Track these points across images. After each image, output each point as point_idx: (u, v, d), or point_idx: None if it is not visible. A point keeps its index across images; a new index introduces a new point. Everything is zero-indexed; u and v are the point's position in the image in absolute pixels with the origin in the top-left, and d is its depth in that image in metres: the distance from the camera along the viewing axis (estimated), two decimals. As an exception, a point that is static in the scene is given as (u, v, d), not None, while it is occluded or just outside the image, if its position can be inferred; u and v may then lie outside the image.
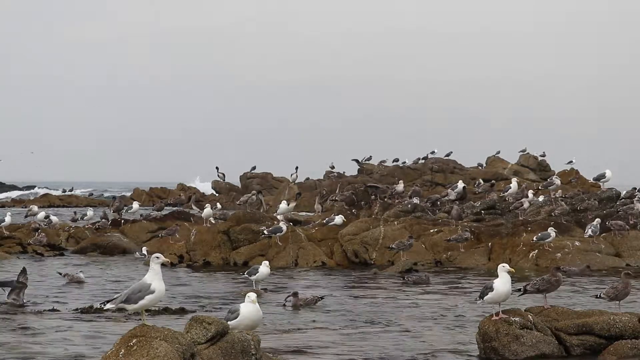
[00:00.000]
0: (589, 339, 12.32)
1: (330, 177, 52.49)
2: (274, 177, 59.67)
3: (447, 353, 13.53)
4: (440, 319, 16.58)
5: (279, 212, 30.94)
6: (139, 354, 9.36)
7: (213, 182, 58.94)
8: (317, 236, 28.38)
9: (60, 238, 33.12)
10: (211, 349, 10.34)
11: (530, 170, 54.55)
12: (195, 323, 10.58)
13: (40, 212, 36.31)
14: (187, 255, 28.05)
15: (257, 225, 27.88)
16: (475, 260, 25.76)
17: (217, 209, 33.24)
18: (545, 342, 12.19)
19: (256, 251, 26.95)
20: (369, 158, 56.47)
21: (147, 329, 9.72)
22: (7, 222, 32.18)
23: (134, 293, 10.08)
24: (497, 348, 12.10)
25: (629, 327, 12.24)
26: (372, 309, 17.72)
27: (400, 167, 53.20)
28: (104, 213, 37.51)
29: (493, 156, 57.05)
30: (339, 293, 20.38)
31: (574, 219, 28.11)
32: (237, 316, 11.67)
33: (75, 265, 26.01)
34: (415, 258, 25.54)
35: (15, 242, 31.59)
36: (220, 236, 28.11)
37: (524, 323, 12.23)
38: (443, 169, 52.38)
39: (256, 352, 10.68)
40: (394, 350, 13.60)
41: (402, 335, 14.92)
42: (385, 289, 21.03)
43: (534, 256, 24.90)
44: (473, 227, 27.45)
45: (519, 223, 27.72)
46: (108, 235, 32.37)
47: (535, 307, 13.25)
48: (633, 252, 25.73)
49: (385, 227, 27.44)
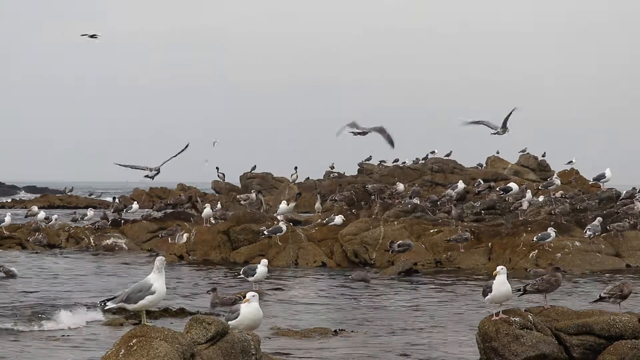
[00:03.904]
0: (589, 339, 12.31)
1: (331, 177, 52.51)
2: (274, 177, 59.60)
3: (447, 353, 13.54)
4: (440, 319, 16.58)
5: (279, 212, 30.93)
6: (139, 354, 9.36)
7: (213, 182, 58.83)
8: (317, 236, 28.37)
9: (60, 238, 33.12)
10: (211, 349, 10.34)
11: (530, 170, 54.54)
12: (195, 323, 10.57)
13: (40, 213, 36.31)
14: (187, 255, 28.06)
15: (257, 226, 27.88)
16: (475, 260, 25.74)
17: (217, 209, 33.23)
18: (545, 342, 12.18)
19: (256, 251, 26.95)
20: (369, 158, 56.45)
21: (147, 329, 9.72)
22: (7, 222, 32.19)
23: (135, 293, 10.07)
24: (497, 348, 12.09)
25: (629, 327, 12.23)
26: (372, 309, 17.71)
27: (400, 167, 53.16)
28: (104, 213, 37.52)
29: (493, 156, 57.04)
30: (339, 293, 20.38)
31: (574, 219, 28.09)
32: (237, 316, 11.67)
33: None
34: (415, 258, 25.52)
35: (15, 242, 31.60)
36: (220, 236, 28.12)
37: (524, 323, 12.22)
38: (443, 169, 52.34)
39: (256, 352, 10.68)
40: (394, 351, 13.60)
41: (402, 335, 14.92)
42: (385, 289, 21.01)
43: (534, 256, 24.89)
44: (473, 227, 27.43)
45: (519, 223, 27.71)
46: (108, 235, 32.39)
47: (535, 307, 13.24)
48: (633, 252, 25.73)
49: (385, 227, 27.42)
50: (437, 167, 52.45)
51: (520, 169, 54.69)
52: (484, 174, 50.44)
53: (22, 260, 27.34)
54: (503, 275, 12.33)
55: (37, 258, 28.30)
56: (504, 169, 54.28)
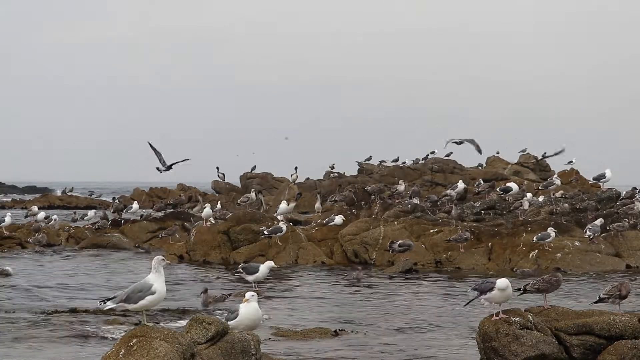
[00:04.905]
0: (589, 339, 12.30)
1: (331, 177, 52.50)
2: (274, 177, 59.60)
3: (447, 353, 13.54)
4: (440, 319, 16.57)
5: (279, 212, 30.93)
6: (139, 354, 9.36)
7: (213, 182, 58.81)
8: (317, 236, 28.38)
9: (60, 238, 33.13)
10: (211, 349, 10.33)
11: (530, 170, 54.55)
12: (195, 323, 10.57)
13: (40, 213, 36.33)
14: (187, 255, 28.05)
15: (257, 226, 27.88)
16: (476, 260, 25.74)
17: (218, 209, 33.23)
18: (545, 342, 12.17)
19: (256, 251, 26.95)
20: (369, 158, 56.46)
21: (147, 329, 9.72)
22: (7, 222, 32.20)
23: (135, 293, 10.07)
24: (497, 348, 12.08)
25: (629, 327, 12.22)
26: (372, 309, 17.71)
27: (400, 167, 53.19)
28: (104, 213, 37.53)
29: (493, 156, 57.04)
30: (339, 292, 20.38)
31: (574, 219, 28.09)
32: (237, 316, 11.66)
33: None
34: (415, 258, 25.51)
35: (15, 242, 31.61)
36: (220, 236, 28.12)
37: (524, 323, 12.21)
38: (443, 169, 52.37)
39: (256, 352, 10.67)
40: (394, 351, 13.60)
41: (402, 335, 14.92)
42: (385, 289, 21.01)
43: (534, 256, 24.88)
44: (473, 227, 27.42)
45: (519, 223, 27.70)
46: (108, 235, 32.40)
47: (535, 307, 13.23)
48: (633, 252, 25.72)
49: (385, 227, 27.42)
50: (437, 167, 52.47)
51: (520, 169, 54.71)
52: (484, 174, 50.46)
53: (22, 260, 27.35)
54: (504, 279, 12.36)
55: (37, 258, 28.30)
56: (504, 169, 54.30)
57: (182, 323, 14.72)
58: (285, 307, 18.05)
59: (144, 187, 66.78)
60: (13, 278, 22.10)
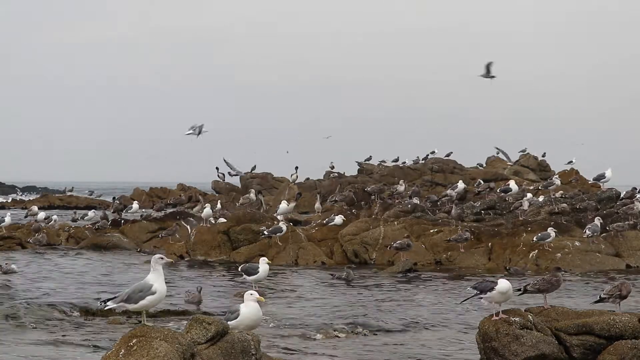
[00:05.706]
0: (589, 339, 12.31)
1: (331, 177, 52.49)
2: (274, 177, 59.59)
3: (447, 353, 13.54)
4: (440, 319, 16.57)
5: (279, 212, 30.94)
6: (139, 354, 9.36)
7: (213, 182, 58.77)
8: (317, 236, 28.38)
9: (60, 238, 33.13)
10: (211, 349, 10.33)
11: (530, 170, 54.57)
12: (195, 323, 10.57)
13: (40, 213, 36.33)
14: (187, 255, 28.05)
15: (257, 225, 27.89)
16: (476, 260, 25.74)
17: (218, 209, 33.26)
18: (545, 342, 12.18)
19: (256, 251, 26.94)
20: (369, 158, 56.45)
21: (147, 329, 9.72)
22: (7, 222, 32.20)
23: (135, 293, 10.07)
24: (497, 348, 12.09)
25: (629, 327, 12.23)
26: (372, 309, 17.71)
27: (400, 167, 53.20)
28: (104, 213, 37.52)
29: (493, 156, 57.05)
30: (339, 293, 20.36)
31: (574, 219, 28.10)
32: (237, 316, 11.66)
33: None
34: (415, 258, 25.52)
35: (15, 242, 31.59)
36: (220, 236, 28.13)
37: (524, 323, 12.21)
38: (443, 169, 52.37)
39: (256, 352, 10.67)
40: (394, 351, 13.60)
41: (402, 335, 14.92)
42: (385, 289, 21.01)
43: (534, 256, 24.89)
44: (473, 227, 27.43)
45: (519, 223, 27.71)
46: (108, 235, 32.39)
47: (535, 307, 13.24)
48: (633, 252, 25.73)
49: (385, 227, 27.42)
50: (437, 167, 52.49)
51: (520, 169, 54.72)
52: (484, 174, 50.48)
53: (22, 260, 27.34)
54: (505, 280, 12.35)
55: (37, 258, 28.28)
56: (504, 169, 54.31)
57: (182, 323, 14.72)
58: (285, 307, 18.05)
59: (144, 187, 66.78)
60: (13, 277, 22.09)
